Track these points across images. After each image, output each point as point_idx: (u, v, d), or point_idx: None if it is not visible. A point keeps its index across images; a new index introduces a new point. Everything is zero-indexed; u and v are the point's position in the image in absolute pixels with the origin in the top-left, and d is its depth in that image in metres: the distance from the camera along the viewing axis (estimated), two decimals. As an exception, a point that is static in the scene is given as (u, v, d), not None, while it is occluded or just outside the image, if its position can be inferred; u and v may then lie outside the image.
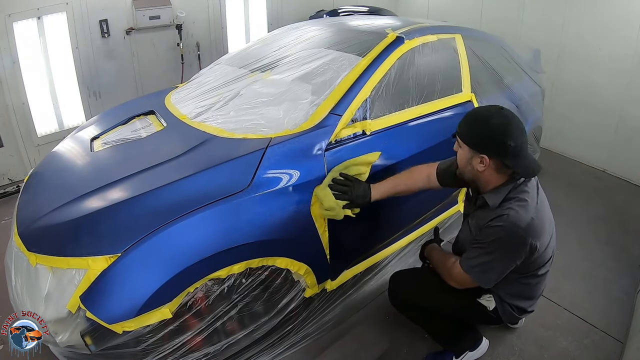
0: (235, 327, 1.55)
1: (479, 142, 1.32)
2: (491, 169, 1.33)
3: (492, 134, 1.29)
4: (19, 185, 3.00)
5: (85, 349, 1.28)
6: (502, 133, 1.28)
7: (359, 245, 1.91)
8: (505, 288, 1.48)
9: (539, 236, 1.31)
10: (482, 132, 1.31)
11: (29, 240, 1.37)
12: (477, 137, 1.32)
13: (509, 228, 1.28)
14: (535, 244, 1.31)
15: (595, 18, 3.23)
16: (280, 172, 1.51)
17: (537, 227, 1.30)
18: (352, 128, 1.72)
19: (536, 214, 1.31)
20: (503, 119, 1.30)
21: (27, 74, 2.97)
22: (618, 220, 2.75)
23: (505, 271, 1.37)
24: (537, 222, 1.30)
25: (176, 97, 2.15)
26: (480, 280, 1.38)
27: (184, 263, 1.29)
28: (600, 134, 3.38)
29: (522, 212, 1.28)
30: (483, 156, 1.31)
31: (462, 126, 1.38)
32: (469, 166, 1.37)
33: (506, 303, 1.51)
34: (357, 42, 2.05)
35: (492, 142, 1.29)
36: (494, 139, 1.29)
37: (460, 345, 1.66)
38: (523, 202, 1.30)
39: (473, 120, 1.36)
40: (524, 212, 1.28)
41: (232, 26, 4.04)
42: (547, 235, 1.36)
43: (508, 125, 1.29)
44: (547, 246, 1.39)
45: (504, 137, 1.27)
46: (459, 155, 1.41)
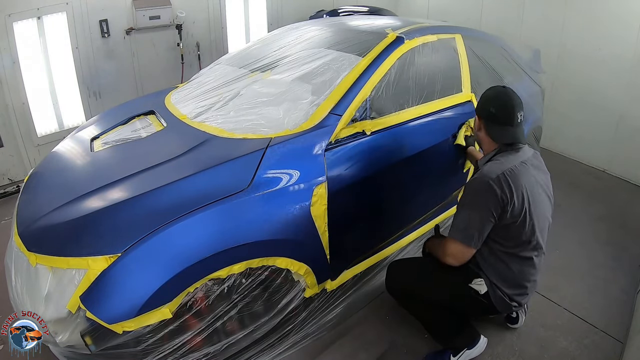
0: (235, 327, 1.55)
1: (477, 104, 1.64)
2: (483, 132, 1.59)
3: (483, 99, 1.61)
4: (19, 185, 3.00)
5: (85, 349, 1.28)
6: (489, 100, 1.57)
7: (359, 245, 1.91)
8: (490, 267, 1.52)
9: (509, 190, 1.41)
10: (480, 98, 1.63)
11: (29, 240, 1.37)
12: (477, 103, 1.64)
13: (479, 178, 1.45)
14: (505, 197, 1.40)
15: (595, 18, 3.23)
16: (280, 172, 1.51)
17: (507, 180, 1.41)
18: (352, 128, 1.72)
19: (510, 173, 1.43)
20: (497, 92, 1.58)
21: (27, 74, 2.97)
22: (618, 220, 2.75)
23: (483, 225, 1.43)
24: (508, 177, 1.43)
25: (176, 97, 2.15)
26: (463, 238, 1.45)
27: (184, 263, 1.29)
28: (600, 133, 3.38)
29: (493, 167, 1.46)
30: (477, 117, 1.61)
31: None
32: (476, 127, 1.64)
33: (496, 287, 1.53)
34: (357, 42, 2.05)
35: (480, 104, 1.61)
36: (482, 102, 1.60)
37: (458, 342, 1.67)
38: (498, 162, 1.49)
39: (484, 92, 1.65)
40: (495, 167, 1.46)
41: (232, 26, 4.04)
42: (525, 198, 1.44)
43: (497, 97, 1.56)
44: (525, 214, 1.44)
45: (489, 104, 1.56)
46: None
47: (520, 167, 1.48)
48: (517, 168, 1.46)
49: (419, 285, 1.63)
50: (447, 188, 2.31)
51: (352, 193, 1.69)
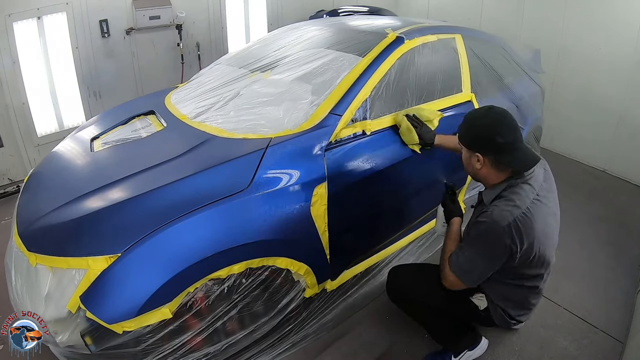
0: (235, 327, 1.55)
1: (471, 141, 1.40)
2: (488, 167, 1.39)
3: (481, 132, 1.37)
4: (19, 185, 3.00)
5: (85, 349, 1.28)
6: (490, 131, 1.35)
7: (359, 246, 1.91)
8: (494, 290, 1.50)
9: (520, 238, 1.29)
10: (472, 132, 1.40)
11: (29, 240, 1.37)
12: (469, 137, 1.41)
13: (489, 225, 1.30)
14: (515, 247, 1.30)
15: (595, 18, 3.23)
16: (280, 172, 1.51)
17: (519, 229, 1.29)
18: (352, 128, 1.72)
19: (522, 219, 1.29)
20: (491, 117, 1.37)
21: (27, 74, 2.97)
22: (618, 220, 2.75)
23: (487, 271, 1.38)
24: (521, 224, 1.29)
25: (176, 97, 2.15)
26: (463, 278, 1.39)
27: (184, 263, 1.29)
28: (600, 133, 3.38)
29: (505, 211, 1.30)
30: (477, 154, 1.39)
31: (459, 129, 1.47)
32: (470, 166, 1.45)
33: (498, 306, 1.51)
34: (357, 42, 2.05)
35: (482, 140, 1.36)
36: (483, 137, 1.36)
37: (459, 344, 1.65)
38: (510, 202, 1.32)
39: (465, 121, 1.44)
40: (507, 211, 1.30)
41: (232, 26, 4.04)
42: (536, 242, 1.33)
43: (496, 123, 1.36)
44: (535, 255, 1.36)
45: (493, 135, 1.34)
46: (462, 157, 1.48)
47: (532, 208, 1.32)
48: (529, 211, 1.31)
49: (419, 291, 1.59)
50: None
51: (352, 193, 1.69)
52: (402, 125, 1.81)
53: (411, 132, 1.79)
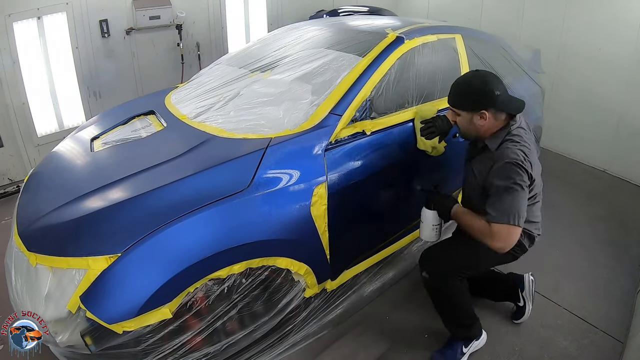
0: (235, 327, 1.55)
1: (474, 102, 1.54)
2: (490, 120, 1.55)
3: (481, 91, 1.53)
4: (19, 185, 3.00)
5: (85, 349, 1.28)
6: (488, 88, 1.52)
7: (359, 245, 1.91)
8: None
9: (531, 167, 1.51)
10: (472, 94, 1.55)
11: (29, 240, 1.37)
12: (471, 100, 1.55)
13: (510, 161, 1.48)
14: (531, 174, 1.51)
15: (595, 18, 3.23)
16: (280, 172, 1.51)
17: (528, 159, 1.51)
18: (352, 128, 1.72)
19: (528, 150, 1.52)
20: (482, 77, 1.56)
21: (27, 74, 2.97)
22: (618, 220, 2.75)
23: (524, 202, 1.50)
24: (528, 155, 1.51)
25: (176, 97, 2.15)
26: (514, 221, 1.47)
27: (184, 263, 1.29)
28: (600, 133, 3.38)
29: (515, 149, 1.51)
30: (482, 112, 1.53)
31: (452, 97, 1.60)
32: (472, 125, 1.58)
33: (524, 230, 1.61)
34: (357, 42, 2.05)
35: (483, 97, 1.53)
36: (483, 95, 1.52)
37: (471, 331, 1.74)
38: (516, 142, 1.53)
39: (461, 88, 1.59)
40: (518, 148, 1.51)
41: (232, 26, 4.04)
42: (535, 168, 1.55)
43: (489, 80, 1.54)
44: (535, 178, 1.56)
45: (492, 90, 1.51)
46: (459, 121, 1.61)
47: (528, 139, 1.56)
48: (528, 142, 1.54)
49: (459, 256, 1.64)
50: (448, 188, 2.30)
51: (352, 193, 1.69)
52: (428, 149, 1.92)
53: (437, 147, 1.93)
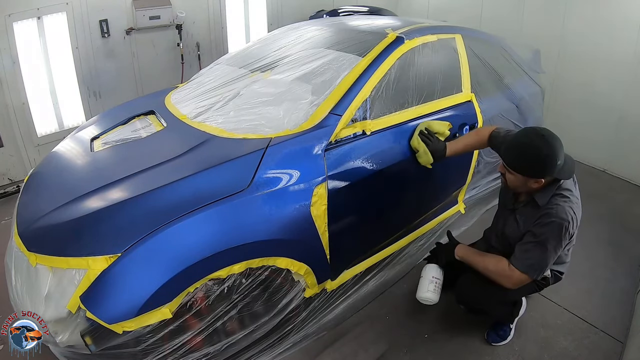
0: (235, 327, 1.55)
1: (537, 172, 1.49)
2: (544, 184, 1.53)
3: (547, 164, 1.47)
4: (19, 185, 3.00)
5: (85, 349, 1.28)
6: (554, 160, 1.46)
7: (359, 245, 1.91)
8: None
9: (577, 225, 1.53)
10: (539, 164, 1.48)
11: (29, 240, 1.37)
12: (534, 169, 1.49)
13: (558, 222, 1.48)
14: (573, 232, 1.53)
15: (595, 18, 3.23)
16: (280, 172, 1.51)
17: (575, 218, 1.52)
18: (352, 128, 1.72)
19: (576, 206, 1.53)
20: (549, 147, 1.46)
21: (27, 74, 2.97)
22: (618, 220, 2.75)
23: (553, 259, 1.54)
24: (575, 214, 1.52)
25: (176, 97, 2.15)
26: (537, 275, 1.54)
27: (184, 263, 1.29)
28: (600, 133, 3.38)
29: (566, 207, 1.50)
30: (540, 180, 1.50)
31: (512, 159, 1.53)
32: (524, 186, 1.56)
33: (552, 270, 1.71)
34: (357, 42, 2.05)
35: (549, 169, 1.48)
36: (550, 167, 1.47)
37: (513, 314, 1.82)
38: (566, 198, 1.52)
39: (525, 154, 1.50)
40: (568, 206, 1.50)
41: (232, 26, 4.04)
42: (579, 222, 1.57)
43: (555, 151, 1.46)
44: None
45: (556, 162, 1.47)
46: (511, 179, 1.56)
47: (578, 195, 1.56)
48: (577, 198, 1.55)
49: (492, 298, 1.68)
50: (448, 188, 2.31)
51: (352, 193, 1.69)
52: (420, 149, 1.86)
53: (427, 154, 1.85)
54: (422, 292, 1.75)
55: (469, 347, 1.80)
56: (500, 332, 1.82)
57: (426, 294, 1.73)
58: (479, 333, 1.85)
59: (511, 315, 1.82)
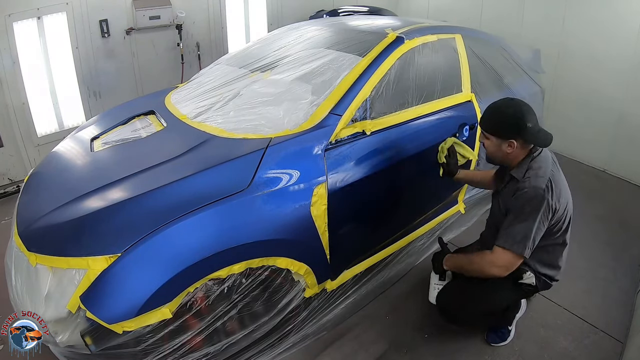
0: (235, 327, 1.55)
1: (505, 130, 1.57)
2: (517, 149, 1.58)
3: (513, 121, 1.54)
4: (19, 185, 3.00)
5: (85, 349, 1.28)
6: (521, 119, 1.53)
7: (359, 245, 1.91)
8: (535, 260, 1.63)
9: (557, 197, 1.52)
10: (504, 122, 1.57)
11: (29, 240, 1.37)
12: (503, 127, 1.57)
13: (532, 191, 1.50)
14: (554, 204, 1.52)
15: (595, 18, 3.23)
16: (280, 172, 1.51)
17: (552, 188, 1.51)
18: (352, 128, 1.72)
19: (552, 179, 1.53)
20: (517, 107, 1.57)
21: (27, 74, 2.97)
22: (618, 220, 2.75)
23: (537, 235, 1.52)
24: (553, 183, 1.52)
25: (176, 97, 2.15)
26: (521, 249, 1.51)
27: (184, 263, 1.29)
28: (600, 133, 3.38)
29: (539, 177, 1.52)
30: (511, 141, 1.56)
31: (485, 121, 1.62)
32: (499, 152, 1.61)
33: (540, 274, 1.67)
34: (357, 42, 2.05)
35: (515, 127, 1.54)
36: (515, 124, 1.54)
37: (510, 315, 1.81)
38: (539, 169, 1.55)
39: (494, 114, 1.60)
40: (541, 176, 1.53)
41: (232, 26, 4.04)
42: (564, 200, 1.56)
43: (523, 111, 1.55)
44: (565, 210, 1.58)
45: (524, 122, 1.53)
46: (488, 145, 1.64)
47: (554, 169, 1.57)
48: (553, 172, 1.55)
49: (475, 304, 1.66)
50: (447, 188, 2.31)
51: (352, 193, 1.69)
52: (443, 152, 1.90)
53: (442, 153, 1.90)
54: (430, 298, 1.80)
55: (469, 347, 1.80)
56: (500, 333, 1.81)
57: (432, 299, 1.77)
58: (479, 333, 1.85)
59: (503, 320, 1.80)
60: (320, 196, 1.57)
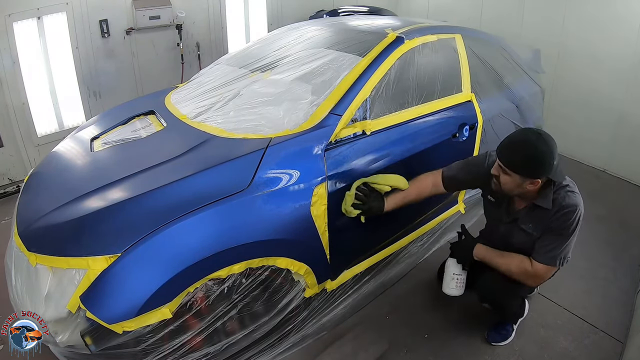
0: (235, 327, 1.55)
1: (534, 170, 1.46)
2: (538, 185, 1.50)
3: (545, 161, 1.44)
4: (19, 185, 3.00)
5: (85, 349, 1.28)
6: (551, 158, 1.44)
7: (359, 245, 1.91)
8: None
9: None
10: (536, 163, 1.45)
11: (29, 240, 1.37)
12: (532, 167, 1.46)
13: (573, 209, 1.51)
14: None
15: (595, 18, 3.23)
16: (280, 172, 1.51)
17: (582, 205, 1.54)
18: (352, 128, 1.72)
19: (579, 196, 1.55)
20: (547, 145, 1.44)
21: (27, 74, 2.97)
22: (618, 220, 2.75)
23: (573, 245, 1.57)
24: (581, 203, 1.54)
25: (176, 97, 2.15)
26: (562, 264, 1.56)
27: (184, 263, 1.29)
28: (600, 133, 3.38)
29: (573, 196, 1.53)
30: (536, 180, 1.47)
31: (508, 157, 1.49)
32: (519, 188, 1.52)
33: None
34: (357, 42, 2.05)
35: (547, 167, 1.45)
36: (547, 165, 1.45)
37: (519, 314, 1.85)
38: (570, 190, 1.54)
39: (522, 152, 1.46)
40: (575, 196, 1.53)
41: (232, 26, 4.04)
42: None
43: (552, 149, 1.45)
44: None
45: (553, 160, 1.45)
46: (506, 180, 1.52)
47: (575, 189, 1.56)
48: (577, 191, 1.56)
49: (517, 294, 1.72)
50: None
51: (352, 193, 1.68)
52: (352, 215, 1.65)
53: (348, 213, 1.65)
54: (446, 289, 1.79)
55: (469, 347, 1.80)
56: (503, 331, 1.82)
57: (450, 291, 1.78)
58: (479, 333, 1.85)
59: (516, 315, 1.83)
60: (320, 196, 1.57)
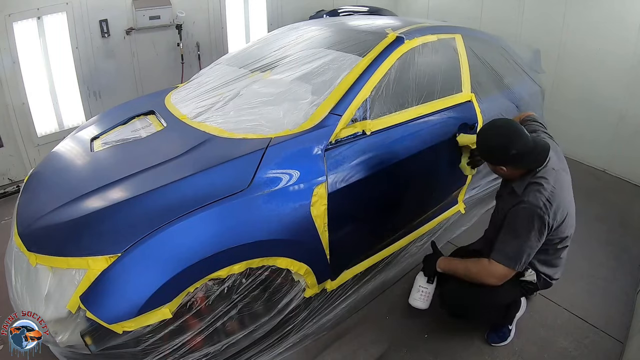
0: (235, 327, 1.55)
1: (493, 159, 1.62)
2: (510, 170, 1.60)
3: (496, 150, 1.57)
4: (19, 185, 3.00)
5: (85, 349, 1.28)
6: (503, 148, 1.54)
7: (359, 245, 1.91)
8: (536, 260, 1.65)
9: (554, 213, 1.52)
10: (489, 151, 1.62)
11: (29, 240, 1.37)
12: (489, 156, 1.64)
13: (529, 209, 1.50)
14: (552, 221, 1.52)
15: (595, 18, 3.23)
16: (280, 172, 1.51)
17: (551, 205, 1.51)
18: (352, 128, 1.72)
19: (552, 196, 1.52)
20: (499, 135, 1.56)
21: (27, 74, 2.97)
22: (618, 220, 2.75)
23: (533, 250, 1.55)
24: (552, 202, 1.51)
25: (176, 97, 2.15)
26: (513, 265, 1.54)
27: (184, 263, 1.29)
28: (600, 133, 3.38)
29: (537, 194, 1.51)
30: (500, 167, 1.60)
31: (478, 147, 1.67)
32: (496, 171, 1.69)
33: (541, 274, 1.70)
34: (357, 42, 2.05)
35: (500, 156, 1.57)
36: (499, 153, 1.57)
37: (510, 314, 1.82)
38: (539, 185, 1.53)
39: (480, 143, 1.63)
40: (540, 193, 1.52)
41: (232, 26, 4.04)
42: (561, 215, 1.56)
43: (506, 139, 1.53)
44: (563, 223, 1.58)
45: (507, 150, 1.53)
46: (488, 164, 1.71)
47: (556, 185, 1.54)
48: (554, 187, 1.53)
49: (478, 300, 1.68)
50: (447, 188, 2.31)
51: (352, 193, 1.69)
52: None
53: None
54: (411, 300, 1.83)
55: (469, 347, 1.80)
56: (500, 332, 1.81)
57: (413, 302, 1.82)
58: (479, 333, 1.85)
59: (504, 318, 1.81)
60: (320, 196, 1.57)
